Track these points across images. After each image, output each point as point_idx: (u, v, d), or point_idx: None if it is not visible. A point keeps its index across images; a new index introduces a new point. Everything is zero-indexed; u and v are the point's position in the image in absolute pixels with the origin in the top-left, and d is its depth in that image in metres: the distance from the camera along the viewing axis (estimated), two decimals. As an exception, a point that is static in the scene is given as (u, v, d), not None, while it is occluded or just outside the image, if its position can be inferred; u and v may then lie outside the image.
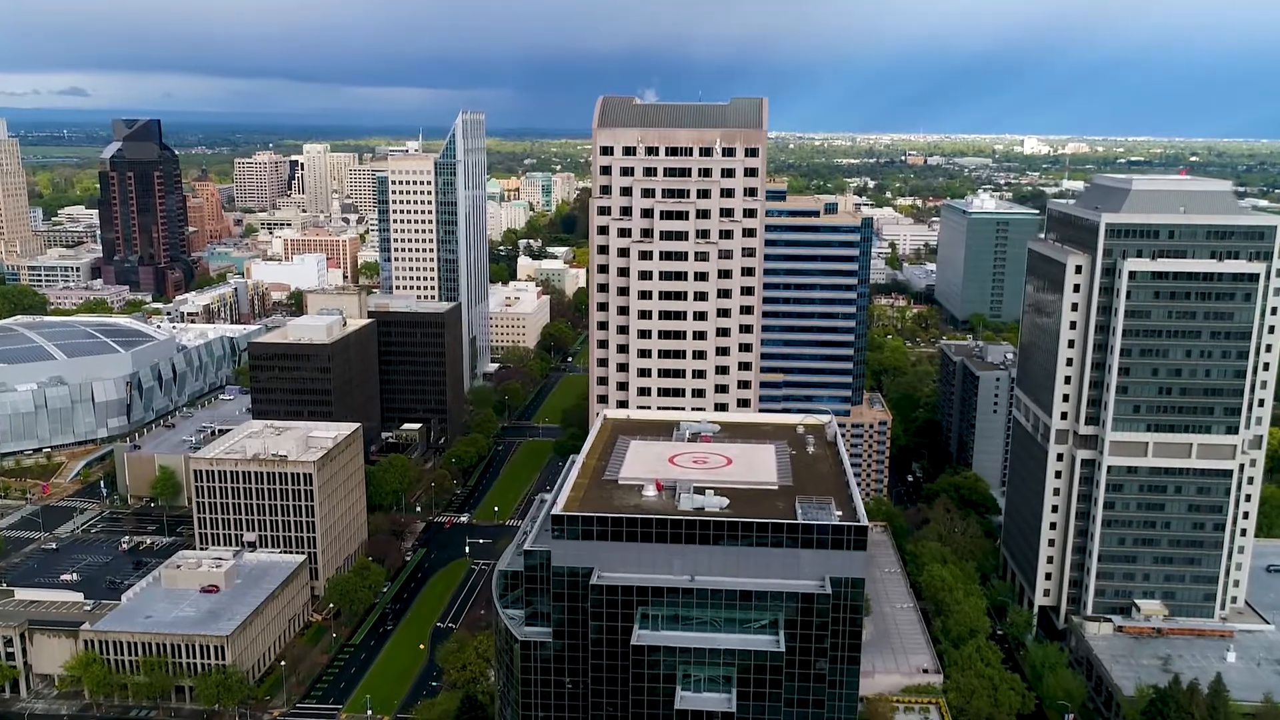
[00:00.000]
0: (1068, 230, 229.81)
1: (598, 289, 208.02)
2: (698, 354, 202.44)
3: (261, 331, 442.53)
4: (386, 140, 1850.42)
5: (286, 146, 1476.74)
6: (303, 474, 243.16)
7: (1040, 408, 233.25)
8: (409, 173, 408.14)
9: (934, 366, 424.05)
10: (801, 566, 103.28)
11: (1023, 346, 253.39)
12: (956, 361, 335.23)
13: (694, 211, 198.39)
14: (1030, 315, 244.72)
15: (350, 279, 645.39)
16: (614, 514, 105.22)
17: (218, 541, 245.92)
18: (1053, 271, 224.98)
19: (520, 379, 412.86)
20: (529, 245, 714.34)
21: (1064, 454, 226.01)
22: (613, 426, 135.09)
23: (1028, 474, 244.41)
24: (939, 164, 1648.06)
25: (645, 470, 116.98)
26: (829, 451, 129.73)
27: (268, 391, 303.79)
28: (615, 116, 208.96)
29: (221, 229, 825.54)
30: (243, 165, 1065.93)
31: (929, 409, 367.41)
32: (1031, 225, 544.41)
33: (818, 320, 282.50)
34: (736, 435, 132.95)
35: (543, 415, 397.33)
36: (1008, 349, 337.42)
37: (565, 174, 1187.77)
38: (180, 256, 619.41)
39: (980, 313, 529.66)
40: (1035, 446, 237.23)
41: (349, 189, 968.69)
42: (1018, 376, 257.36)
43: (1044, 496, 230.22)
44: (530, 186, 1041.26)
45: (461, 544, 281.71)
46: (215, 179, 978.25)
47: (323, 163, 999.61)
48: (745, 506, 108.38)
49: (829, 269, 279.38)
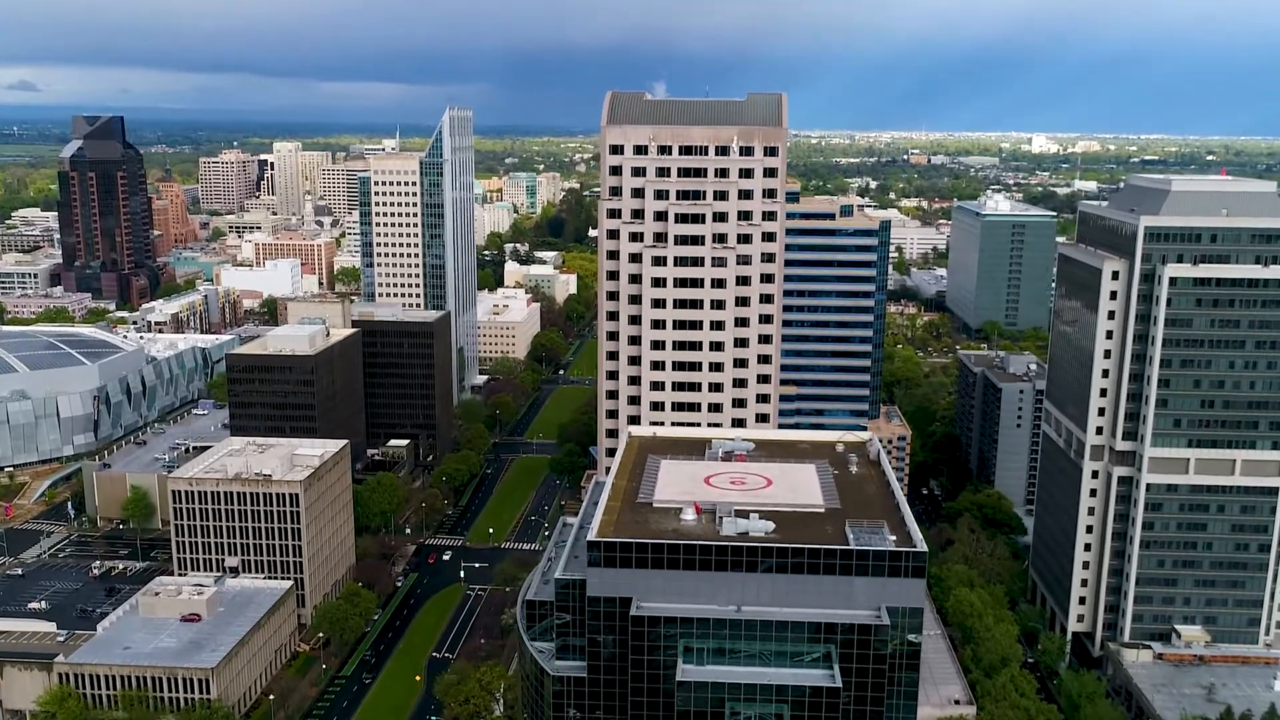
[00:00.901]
0: (1102, 234, 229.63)
1: (607, 296, 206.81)
2: (714, 366, 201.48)
3: (236, 342, 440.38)
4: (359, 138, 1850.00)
5: (253, 145, 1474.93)
6: (288, 494, 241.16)
7: (1073, 422, 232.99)
8: (393, 173, 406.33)
9: (949, 378, 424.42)
10: (855, 595, 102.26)
11: (1052, 357, 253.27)
12: (976, 373, 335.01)
13: (710, 214, 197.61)
14: (1061, 324, 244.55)
15: (326, 285, 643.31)
16: (654, 539, 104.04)
17: (198, 567, 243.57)
18: (1086, 278, 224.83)
19: (511, 392, 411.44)
20: (515, 249, 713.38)
21: (1099, 471, 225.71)
22: (639, 445, 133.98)
23: (1059, 492, 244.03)
24: (943, 163, 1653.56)
25: (680, 492, 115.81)
26: (873, 471, 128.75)
27: (246, 406, 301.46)
28: (625, 113, 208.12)
29: (187, 233, 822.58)
30: (208, 165, 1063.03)
31: (946, 423, 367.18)
32: (1048, 228, 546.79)
33: (833, 329, 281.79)
34: (773, 454, 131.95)
35: (536, 430, 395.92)
36: (1030, 359, 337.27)
37: (550, 174, 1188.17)
38: (145, 262, 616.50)
39: (995, 320, 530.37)
40: (1067, 463, 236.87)
41: (322, 190, 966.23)
42: (1047, 388, 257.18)
43: (1077, 516, 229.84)
44: (514, 187, 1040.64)
45: (455, 568, 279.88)
46: (179, 180, 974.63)
47: (294, 162, 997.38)
48: (791, 531, 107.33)
49: (845, 275, 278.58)
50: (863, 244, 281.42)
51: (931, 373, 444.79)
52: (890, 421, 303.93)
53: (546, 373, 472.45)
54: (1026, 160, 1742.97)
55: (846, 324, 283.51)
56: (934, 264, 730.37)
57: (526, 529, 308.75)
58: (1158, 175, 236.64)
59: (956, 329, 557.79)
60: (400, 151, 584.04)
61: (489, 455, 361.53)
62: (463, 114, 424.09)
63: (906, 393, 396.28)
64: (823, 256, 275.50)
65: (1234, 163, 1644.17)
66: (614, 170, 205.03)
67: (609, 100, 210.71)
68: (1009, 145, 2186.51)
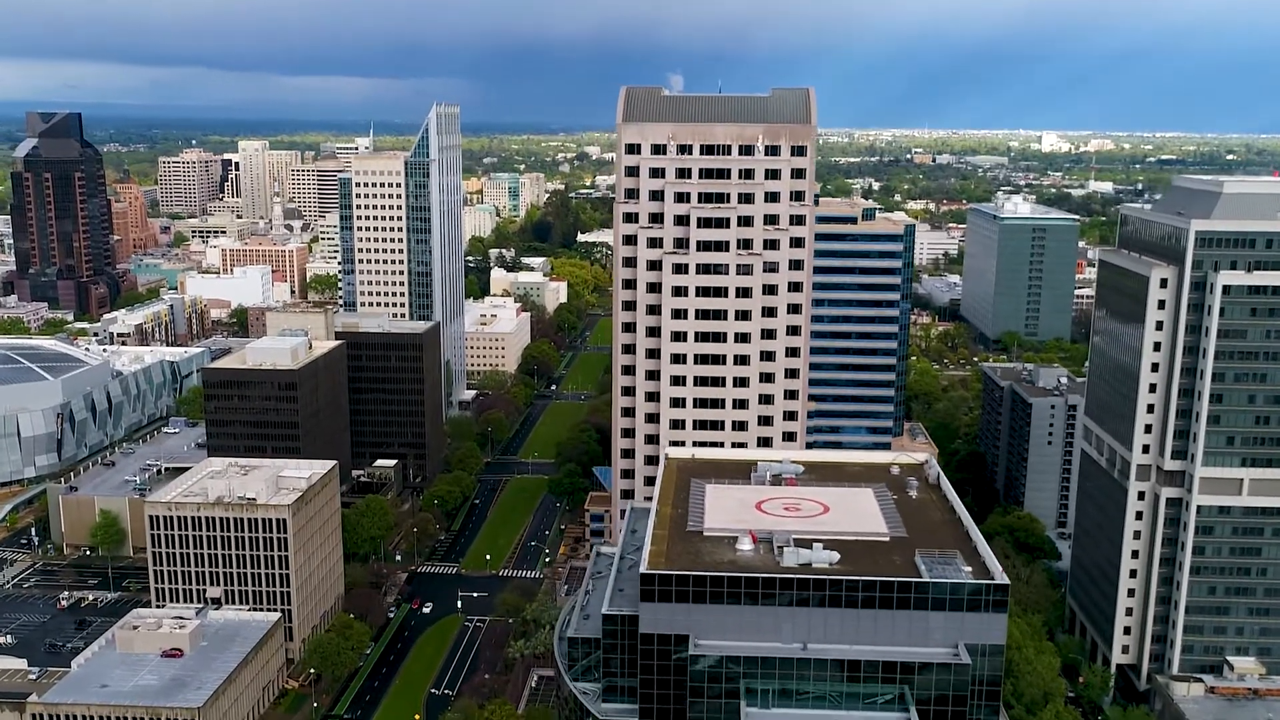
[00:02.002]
0: (1147, 239, 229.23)
1: (623, 307, 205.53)
2: (739, 381, 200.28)
3: (206, 355, 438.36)
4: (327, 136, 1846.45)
5: (213, 143, 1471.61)
6: (275, 519, 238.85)
7: (1116, 440, 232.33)
8: (376, 173, 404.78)
9: (969, 392, 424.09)
10: (931, 632, 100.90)
11: (1091, 370, 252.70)
12: (1004, 387, 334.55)
13: (735, 218, 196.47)
14: (1101, 335, 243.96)
15: (299, 294, 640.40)
16: (711, 571, 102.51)
17: (177, 598, 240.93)
18: (1131, 286, 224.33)
19: (503, 408, 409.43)
20: (501, 255, 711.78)
21: (1145, 492, 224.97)
22: (678, 468, 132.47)
23: (1101, 515, 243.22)
24: (948, 163, 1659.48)
25: (732, 519, 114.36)
26: (935, 496, 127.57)
27: (225, 424, 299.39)
28: (642, 110, 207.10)
29: (147, 238, 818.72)
30: (168, 165, 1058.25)
31: (969, 440, 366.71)
32: (1070, 232, 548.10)
33: (855, 341, 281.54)
34: (823, 477, 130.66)
35: (531, 448, 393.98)
36: (1061, 372, 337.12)
37: (533, 174, 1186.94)
38: (105, 269, 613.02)
39: (1014, 330, 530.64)
40: (1110, 484, 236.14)
41: (291, 191, 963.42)
42: (1086, 404, 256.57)
43: (1122, 540, 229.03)
44: (495, 189, 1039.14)
45: (451, 597, 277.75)
46: (137, 181, 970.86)
47: (260, 162, 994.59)
48: (857, 562, 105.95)
49: (867, 283, 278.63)
50: (886, 250, 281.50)
51: (950, 386, 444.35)
52: (914, 440, 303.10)
53: (539, 386, 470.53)
54: (1037, 159, 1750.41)
55: (868, 335, 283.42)
56: (945, 270, 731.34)
57: (525, 555, 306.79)
58: (1205, 176, 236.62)
59: (973, 340, 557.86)
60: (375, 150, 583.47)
61: (481, 476, 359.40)
62: (449, 110, 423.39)
63: (925, 408, 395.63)
64: (843, 263, 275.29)
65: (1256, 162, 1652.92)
66: (630, 171, 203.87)
67: (624, 96, 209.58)
68: (1017, 144, 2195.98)
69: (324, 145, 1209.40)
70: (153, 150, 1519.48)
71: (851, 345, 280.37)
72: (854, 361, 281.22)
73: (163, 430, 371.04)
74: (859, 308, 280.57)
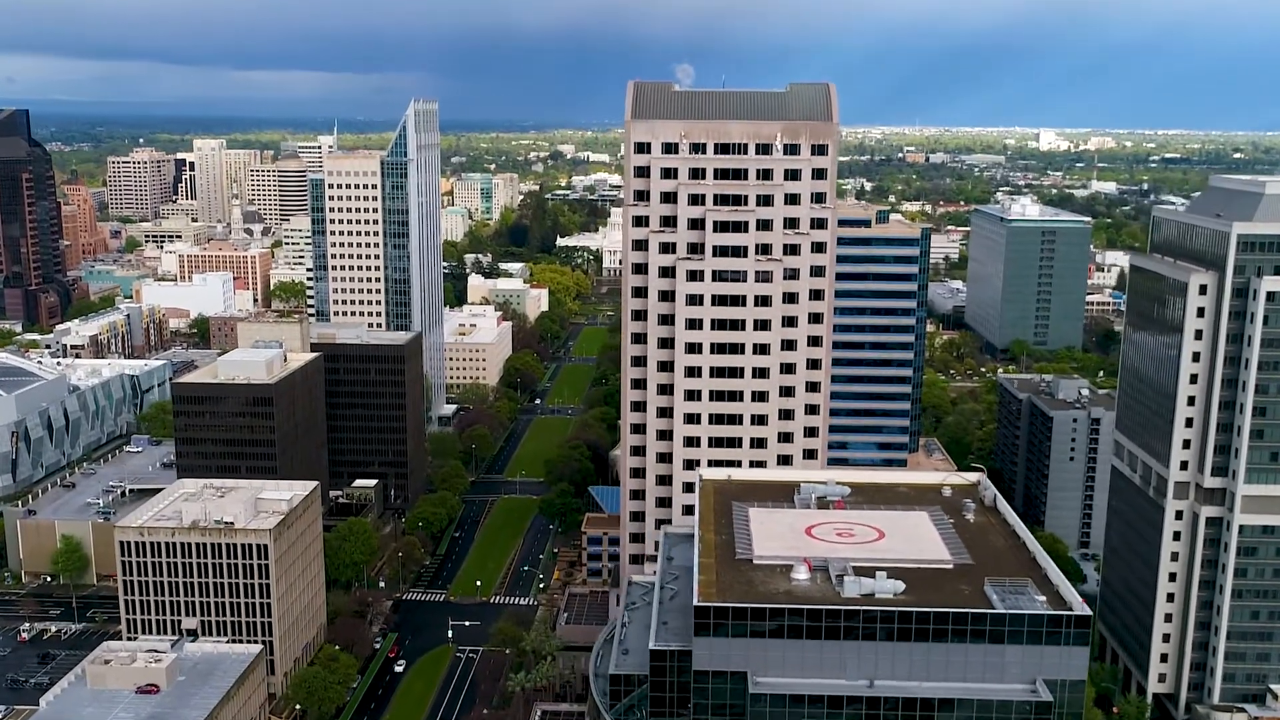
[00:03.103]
0: (1183, 243, 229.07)
1: (632, 316, 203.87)
2: (758, 395, 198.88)
3: (168, 368, 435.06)
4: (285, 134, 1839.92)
5: (163, 142, 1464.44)
6: (256, 545, 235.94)
7: (1152, 456, 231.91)
8: (350, 174, 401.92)
9: (980, 404, 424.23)
10: (1007, 667, 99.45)
11: (1123, 382, 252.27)
12: (1022, 399, 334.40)
13: (754, 222, 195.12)
14: (1135, 345, 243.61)
15: (262, 302, 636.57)
16: (771, 604, 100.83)
17: (150, 629, 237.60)
18: (1167, 293, 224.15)
19: (487, 423, 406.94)
20: (478, 261, 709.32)
21: (1184, 511, 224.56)
22: (716, 490, 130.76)
23: (1134, 535, 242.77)
24: (943, 162, 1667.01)
25: (782, 546, 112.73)
26: (993, 519, 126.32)
27: (196, 443, 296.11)
28: (652, 106, 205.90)
29: (97, 242, 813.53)
30: (117, 165, 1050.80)
31: (983, 456, 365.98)
32: (1082, 234, 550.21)
33: (869, 352, 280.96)
34: (871, 499, 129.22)
35: (518, 467, 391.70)
36: (1081, 384, 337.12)
37: (506, 175, 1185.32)
38: (55, 276, 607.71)
39: (1022, 339, 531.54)
40: (1144, 502, 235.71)
41: (251, 193, 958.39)
42: (1117, 417, 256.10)
43: (1158, 562, 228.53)
44: (466, 190, 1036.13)
45: (440, 626, 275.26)
46: (86, 182, 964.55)
47: (217, 162, 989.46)
48: (923, 592, 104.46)
49: (883, 290, 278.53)
50: (902, 254, 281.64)
51: (959, 398, 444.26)
52: (930, 456, 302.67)
53: (522, 400, 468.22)
54: (1035, 158, 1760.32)
55: (884, 345, 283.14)
56: (946, 275, 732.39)
57: (517, 581, 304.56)
58: (1244, 176, 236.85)
59: (979, 349, 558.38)
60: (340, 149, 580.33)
61: (466, 496, 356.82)
62: (428, 107, 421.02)
63: (935, 423, 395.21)
64: (856, 269, 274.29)
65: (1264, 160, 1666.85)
66: (639, 171, 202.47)
67: (632, 91, 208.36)
68: (1014, 141, 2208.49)
69: (284, 144, 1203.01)
70: (98, 149, 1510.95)
71: (865, 356, 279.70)
72: (867, 373, 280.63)
73: (124, 449, 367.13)
74: (873, 316, 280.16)
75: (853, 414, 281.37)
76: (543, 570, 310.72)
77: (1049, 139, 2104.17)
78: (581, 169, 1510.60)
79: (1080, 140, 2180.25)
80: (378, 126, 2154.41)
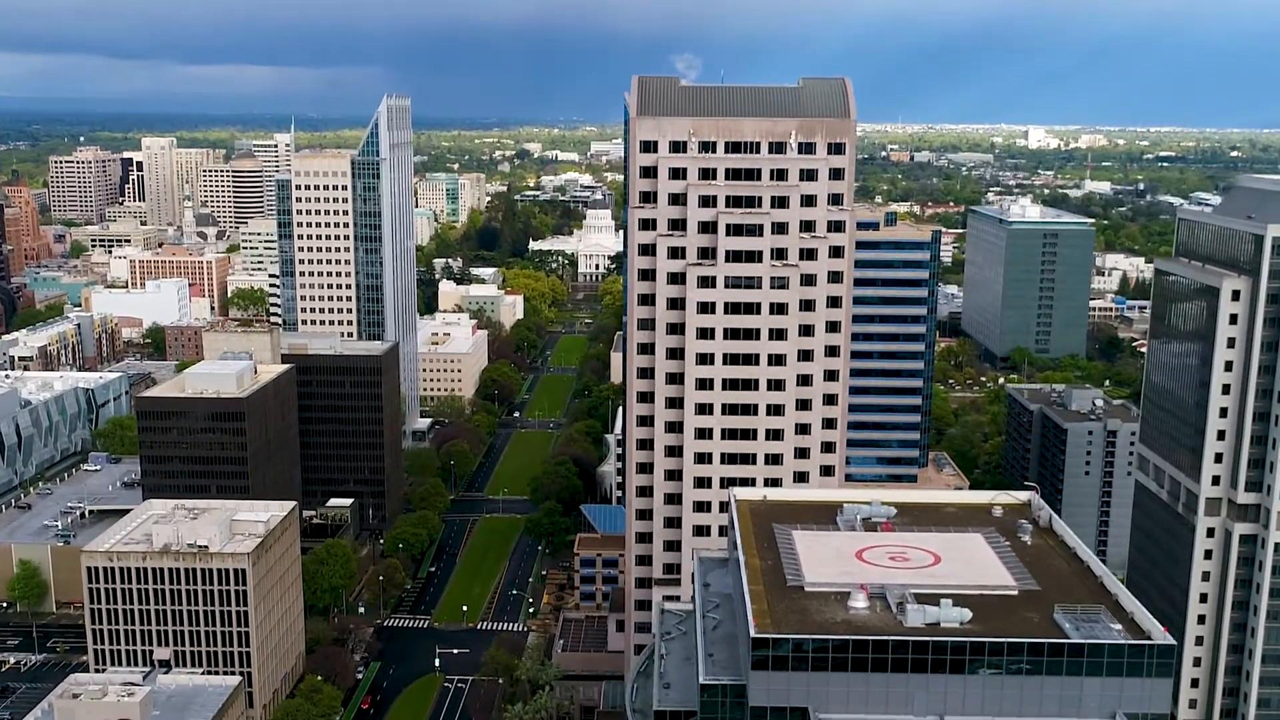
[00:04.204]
0: (1213, 246, 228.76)
1: (639, 326, 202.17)
2: (773, 409, 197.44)
3: (124, 380, 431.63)
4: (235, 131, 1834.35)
5: (106, 140, 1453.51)
6: (234, 570, 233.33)
7: (1180, 470, 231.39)
8: (319, 175, 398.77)
9: (984, 416, 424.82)
10: (1085, 700, 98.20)
11: (1148, 392, 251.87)
12: (1033, 411, 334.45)
13: (769, 225, 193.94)
14: (1161, 353, 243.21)
15: (219, 310, 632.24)
16: (831, 634, 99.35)
17: (120, 660, 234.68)
18: (1197, 299, 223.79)
19: (465, 438, 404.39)
20: (448, 266, 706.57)
21: (1215, 529, 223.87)
22: (751, 511, 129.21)
23: (1161, 554, 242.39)
24: (928, 160, 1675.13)
25: (837, 572, 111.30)
26: (1051, 541, 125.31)
27: (162, 461, 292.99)
28: (658, 102, 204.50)
29: (40, 247, 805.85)
30: (60, 165, 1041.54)
31: (991, 471, 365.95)
32: (1086, 237, 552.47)
33: (877, 361, 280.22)
34: (918, 520, 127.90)
35: (499, 484, 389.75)
36: (1095, 394, 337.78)
37: (472, 175, 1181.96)
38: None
39: (1023, 347, 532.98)
40: (1172, 519, 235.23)
41: (204, 195, 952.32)
42: (1141, 430, 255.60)
43: (1188, 583, 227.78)
44: (431, 191, 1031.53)
45: (425, 654, 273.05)
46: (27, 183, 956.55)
47: (167, 161, 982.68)
48: (990, 620, 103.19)
49: (892, 296, 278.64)
50: (912, 259, 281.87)
51: (960, 409, 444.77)
52: (941, 471, 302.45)
53: (500, 413, 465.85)
54: (1024, 157, 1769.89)
55: (892, 355, 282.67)
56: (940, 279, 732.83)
57: (505, 605, 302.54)
58: (1273, 176, 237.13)
59: (977, 357, 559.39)
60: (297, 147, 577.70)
61: (446, 515, 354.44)
62: (400, 103, 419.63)
63: (938, 436, 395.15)
64: (863, 274, 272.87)
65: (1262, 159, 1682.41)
66: (646, 172, 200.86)
67: (637, 87, 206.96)
68: (1001, 139, 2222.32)
69: (239, 142, 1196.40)
70: (37, 149, 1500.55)
71: (874, 366, 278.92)
72: (876, 385, 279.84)
73: (81, 467, 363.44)
74: (881, 324, 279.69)
75: (860, 427, 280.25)
76: (531, 594, 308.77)
77: (1038, 136, 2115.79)
78: (550, 168, 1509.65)
79: (1070, 138, 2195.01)
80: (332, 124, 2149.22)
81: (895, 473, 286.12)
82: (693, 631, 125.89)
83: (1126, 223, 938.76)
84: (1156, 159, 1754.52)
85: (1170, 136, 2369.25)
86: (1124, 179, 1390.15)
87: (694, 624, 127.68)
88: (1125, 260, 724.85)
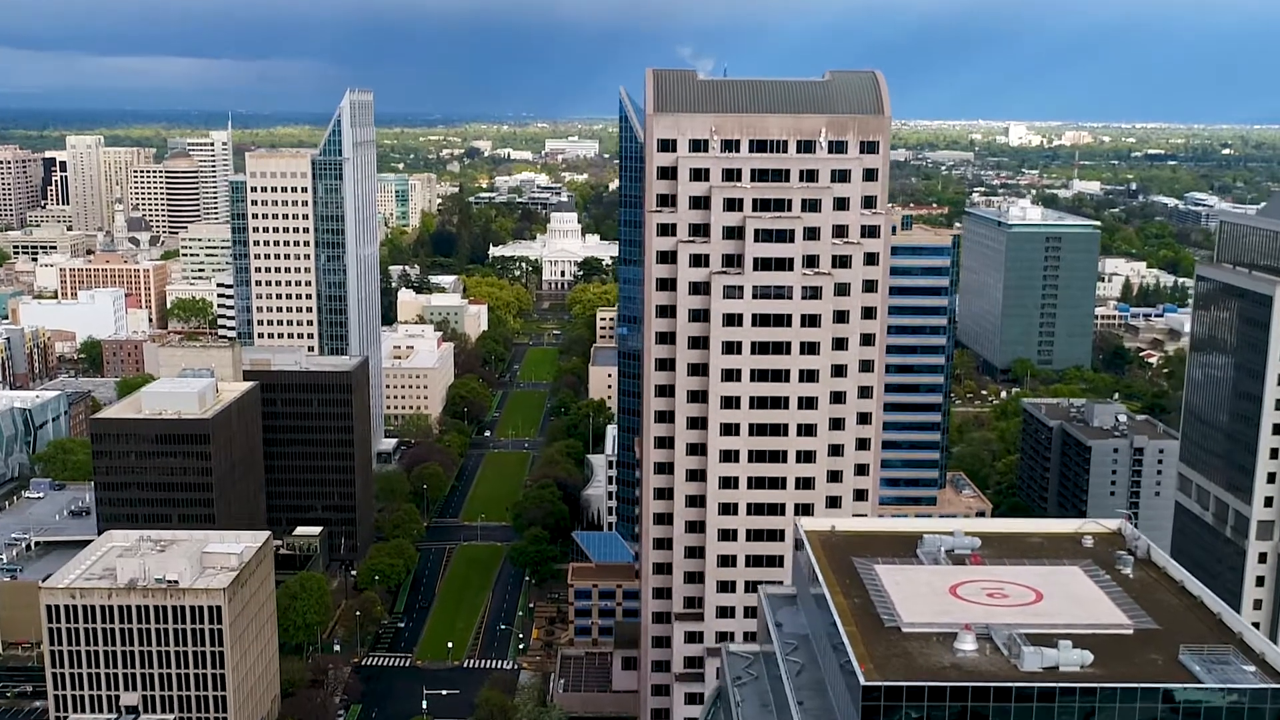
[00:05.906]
0: (1259, 251, 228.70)
1: (656, 339, 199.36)
2: (804, 429, 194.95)
3: (63, 399, 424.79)
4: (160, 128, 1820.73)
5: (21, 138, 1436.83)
6: (207, 607, 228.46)
7: (1228, 491, 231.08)
8: (277, 176, 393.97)
9: (993, 432, 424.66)
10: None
11: (1189, 408, 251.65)
12: (1052, 426, 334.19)
13: (800, 230, 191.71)
14: (1204, 366, 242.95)
15: (158, 322, 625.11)
16: (951, 682, 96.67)
17: (83, 706, 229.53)
18: (1244, 308, 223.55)
19: (437, 459, 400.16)
20: (405, 274, 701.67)
21: (1267, 553, 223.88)
22: (823, 543, 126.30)
23: (1207, 580, 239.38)
24: (906, 159, 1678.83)
25: (931, 610, 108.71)
26: (1154, 573, 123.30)
27: (118, 488, 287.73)
28: (676, 98, 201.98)
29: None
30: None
31: (1005, 491, 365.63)
32: (1090, 240, 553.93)
33: (895, 376, 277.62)
34: (1004, 551, 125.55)
35: (475, 509, 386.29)
36: (1118, 409, 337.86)
37: (422, 175, 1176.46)
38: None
39: (1025, 358, 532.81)
40: (1220, 543, 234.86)
41: (135, 198, 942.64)
42: (1182, 448, 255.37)
43: (1239, 610, 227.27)
44: (379, 193, 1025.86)
45: (410, 695, 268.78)
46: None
47: (94, 162, 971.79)
48: (1112, 663, 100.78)
49: (909, 306, 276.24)
50: (930, 266, 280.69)
51: (963, 424, 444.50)
52: (961, 492, 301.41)
53: (470, 432, 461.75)
54: (1007, 154, 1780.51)
55: (909, 369, 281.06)
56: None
57: (492, 641, 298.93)
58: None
59: (976, 368, 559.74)
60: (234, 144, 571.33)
61: (420, 544, 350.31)
62: (363, 98, 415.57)
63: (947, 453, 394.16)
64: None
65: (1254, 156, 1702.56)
66: (663, 173, 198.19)
67: (652, 81, 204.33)
68: (981, 136, 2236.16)
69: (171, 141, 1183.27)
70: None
71: (891, 381, 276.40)
72: (894, 400, 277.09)
73: (23, 494, 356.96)
74: (898, 335, 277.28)
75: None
76: (520, 628, 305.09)
77: (1019, 133, 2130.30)
78: (504, 168, 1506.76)
79: (1053, 134, 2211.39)
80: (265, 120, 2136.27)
81: (913, 495, 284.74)
82: (765, 677, 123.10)
83: (1121, 225, 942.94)
84: (1146, 157, 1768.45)
85: (1157, 133, 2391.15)
86: (1113, 178, 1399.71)
87: (764, 668, 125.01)
88: (1126, 265, 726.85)
